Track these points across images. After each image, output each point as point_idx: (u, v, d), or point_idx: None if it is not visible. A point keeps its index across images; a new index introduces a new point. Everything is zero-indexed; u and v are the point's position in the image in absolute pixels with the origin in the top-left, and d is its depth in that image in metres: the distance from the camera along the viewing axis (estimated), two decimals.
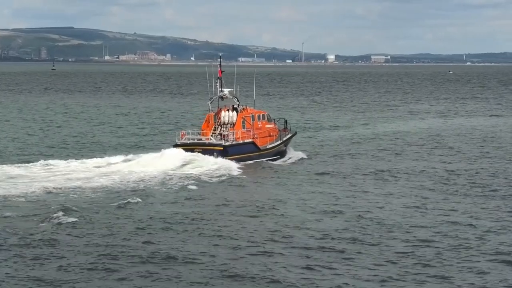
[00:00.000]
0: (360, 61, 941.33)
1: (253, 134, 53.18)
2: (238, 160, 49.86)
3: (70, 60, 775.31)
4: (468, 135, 71.21)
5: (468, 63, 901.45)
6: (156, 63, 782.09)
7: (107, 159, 50.09)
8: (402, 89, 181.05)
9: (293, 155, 55.51)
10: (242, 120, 53.23)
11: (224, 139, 51.67)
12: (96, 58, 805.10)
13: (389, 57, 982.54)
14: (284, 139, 56.15)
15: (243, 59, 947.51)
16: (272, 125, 55.69)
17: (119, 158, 50.45)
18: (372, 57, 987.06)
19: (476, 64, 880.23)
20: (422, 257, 27.44)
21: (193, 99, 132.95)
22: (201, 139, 52.04)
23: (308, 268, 26.14)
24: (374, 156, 55.93)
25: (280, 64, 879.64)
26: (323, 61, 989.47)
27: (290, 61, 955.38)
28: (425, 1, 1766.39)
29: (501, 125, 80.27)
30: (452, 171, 48.24)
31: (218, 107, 54.34)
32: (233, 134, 52.06)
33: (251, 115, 54.03)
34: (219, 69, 54.31)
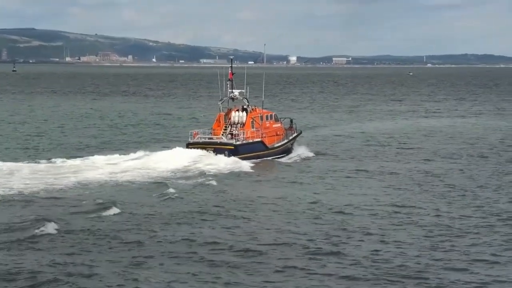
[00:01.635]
0: (321, 63, 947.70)
1: (262, 134, 55.54)
2: (247, 159, 52.17)
3: (30, 61, 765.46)
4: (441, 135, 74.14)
5: (429, 65, 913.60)
6: (118, 64, 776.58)
7: (124, 156, 52.34)
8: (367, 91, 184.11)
9: (299, 152, 58.02)
10: (252, 120, 55.55)
11: (234, 139, 53.86)
12: (57, 59, 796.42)
13: (350, 58, 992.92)
14: (290, 138, 58.79)
15: (205, 60, 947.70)
16: (279, 125, 58.24)
17: (134, 155, 52.47)
18: (333, 58, 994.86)
19: (437, 65, 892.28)
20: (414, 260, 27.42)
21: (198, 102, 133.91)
22: (212, 138, 54.15)
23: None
24: (368, 155, 58.98)
25: (242, 65, 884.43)
26: (285, 62, 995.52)
27: (252, 62, 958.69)
28: (386, 2, 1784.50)
29: (466, 125, 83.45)
30: (427, 172, 50.08)
31: (228, 108, 56.65)
32: (243, 134, 54.29)
33: (259, 115, 56.35)
34: (230, 71, 56.68)
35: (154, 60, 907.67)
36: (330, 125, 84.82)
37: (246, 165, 50.37)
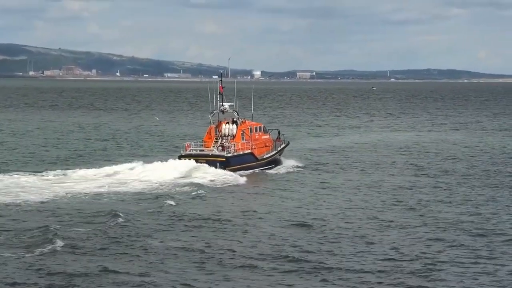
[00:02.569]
0: (285, 77, 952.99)
1: (252, 145, 56.97)
2: (238, 170, 53.70)
3: None
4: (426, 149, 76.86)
5: (392, 80, 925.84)
6: (82, 78, 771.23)
7: (119, 167, 53.65)
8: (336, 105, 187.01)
9: (286, 164, 59.57)
10: (242, 132, 57.02)
11: (225, 151, 55.21)
12: (21, 73, 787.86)
13: (314, 73, 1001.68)
14: (279, 149, 60.38)
15: (169, 74, 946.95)
16: (267, 136, 59.92)
17: (126, 166, 53.77)
18: (297, 73, 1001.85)
19: (400, 80, 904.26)
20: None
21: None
22: (203, 150, 55.58)
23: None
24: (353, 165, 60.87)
25: (207, 80, 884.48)
26: (249, 77, 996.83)
27: (216, 77, 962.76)
28: (349, 17, 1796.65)
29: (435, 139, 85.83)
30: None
31: (218, 120, 58.10)
32: (234, 146, 55.66)
33: (249, 127, 57.91)
34: (220, 85, 58.38)
35: (118, 74, 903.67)
36: (309, 137, 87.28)
37: (237, 176, 51.79)
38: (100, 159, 62.70)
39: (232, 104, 58.11)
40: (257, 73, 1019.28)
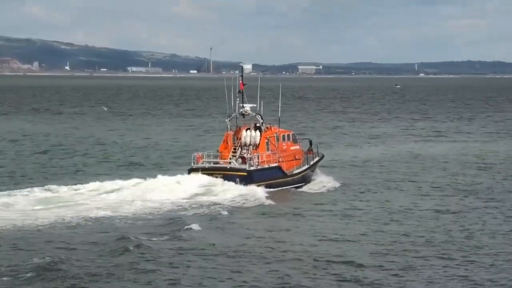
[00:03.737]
0: (284, 72, 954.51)
1: (279, 157, 59.28)
2: (264, 187, 56.27)
3: None
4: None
5: (422, 75, 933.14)
6: (21, 73, 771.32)
7: (117, 183, 56.09)
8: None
9: (321, 181, 62.21)
10: (266, 141, 59.32)
11: (247, 163, 57.46)
12: None
13: (320, 67, 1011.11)
14: (311, 163, 62.58)
15: (134, 68, 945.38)
16: (297, 147, 62.22)
17: (130, 182, 56.41)
18: (299, 67, 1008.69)
19: (432, 76, 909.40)
20: None
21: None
22: (218, 163, 58.13)
23: None
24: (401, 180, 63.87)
25: (183, 75, 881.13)
26: (237, 71, 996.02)
27: (195, 71, 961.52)
28: None
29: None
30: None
31: (237, 126, 60.45)
32: (258, 157, 57.94)
33: (275, 135, 60.10)
34: (240, 81, 60.26)
35: (67, 67, 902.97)
36: (339, 147, 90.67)
37: (262, 195, 54.41)
38: (91, 172, 65.67)
39: (255, 105, 60.23)
40: (247, 67, 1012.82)
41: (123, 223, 45.00)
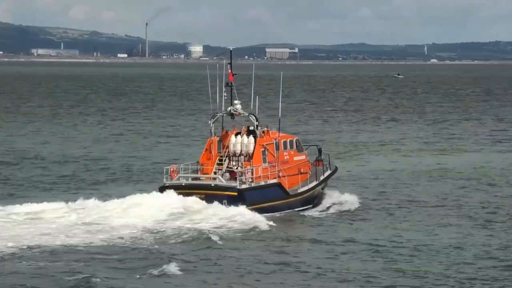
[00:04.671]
0: (247, 57, 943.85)
1: (279, 171, 58.24)
2: (259, 211, 54.96)
3: None
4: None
5: (434, 61, 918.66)
6: None
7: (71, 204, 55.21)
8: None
9: (334, 201, 61.00)
10: (263, 149, 58.13)
11: (237, 179, 56.16)
12: None
13: (296, 49, 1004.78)
14: (322, 178, 61.49)
15: (40, 50, 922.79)
16: (303, 157, 61.40)
17: (82, 203, 55.35)
18: (267, 49, 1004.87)
19: (448, 62, 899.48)
20: None
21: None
22: (199, 179, 56.97)
23: None
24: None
25: (108, 60, 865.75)
26: (182, 55, 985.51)
27: (125, 55, 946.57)
28: None
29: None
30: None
31: (223, 129, 59.40)
32: (251, 171, 56.83)
33: (274, 141, 59.03)
34: (229, 70, 59.07)
35: None
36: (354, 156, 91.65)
37: (260, 220, 53.30)
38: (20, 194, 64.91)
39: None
40: (197, 49, 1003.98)
41: (76, 257, 44.69)
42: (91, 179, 73.06)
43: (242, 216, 53.61)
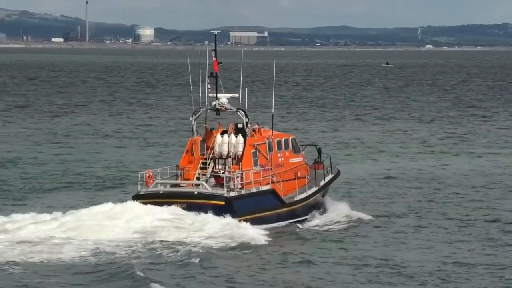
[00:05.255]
0: (206, 42, 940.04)
1: (272, 176, 58.37)
2: (250, 223, 54.85)
3: None
4: None
5: (429, 46, 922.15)
6: None
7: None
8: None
9: (335, 210, 60.93)
10: (254, 150, 58.18)
11: (225, 186, 56.18)
12: None
13: (266, 33, 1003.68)
14: (322, 183, 61.52)
15: None
16: (300, 159, 61.41)
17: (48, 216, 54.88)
18: (231, 33, 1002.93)
19: (445, 48, 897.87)
20: None
21: None
22: (179, 185, 56.83)
23: None
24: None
25: (40, 45, 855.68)
26: (129, 40, 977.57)
27: (61, 39, 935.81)
28: None
29: None
30: None
31: (207, 126, 59.32)
32: (240, 176, 56.74)
33: (267, 141, 58.94)
34: (214, 58, 58.98)
35: None
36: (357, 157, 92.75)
37: (250, 234, 53.21)
38: None
39: (236, 95, 59.76)
40: (147, 32, 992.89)
41: (42, 276, 45.08)
42: (48, 187, 72.80)
43: (230, 229, 53.15)
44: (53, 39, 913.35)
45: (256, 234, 53.41)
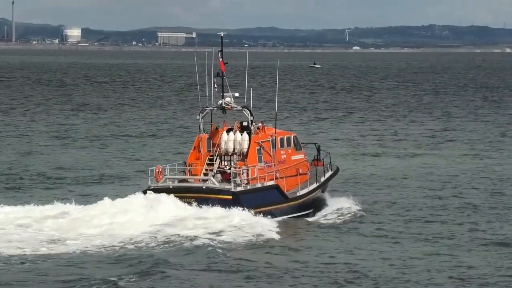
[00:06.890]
0: (134, 42, 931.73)
1: (276, 172, 59.87)
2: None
3: None
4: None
5: (356, 48, 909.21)
6: None
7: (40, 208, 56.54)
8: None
9: (335, 205, 62.34)
10: (258, 147, 59.68)
11: (231, 181, 57.61)
12: None
13: (194, 34, 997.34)
14: (322, 179, 63.12)
15: None
16: (301, 156, 63.09)
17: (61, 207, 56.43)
18: (159, 34, 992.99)
19: (372, 50, 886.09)
20: None
21: None
22: (188, 181, 58.08)
23: None
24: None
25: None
26: (56, 40, 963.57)
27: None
28: None
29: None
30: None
31: (212, 124, 60.80)
32: (246, 172, 58.28)
33: (270, 138, 60.63)
34: (220, 59, 60.43)
35: None
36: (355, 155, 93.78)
37: (263, 224, 54.71)
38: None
39: (236, 94, 60.85)
40: (74, 33, 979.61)
41: (57, 269, 46.16)
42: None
43: (242, 217, 54.52)
44: None
45: (267, 224, 54.52)
